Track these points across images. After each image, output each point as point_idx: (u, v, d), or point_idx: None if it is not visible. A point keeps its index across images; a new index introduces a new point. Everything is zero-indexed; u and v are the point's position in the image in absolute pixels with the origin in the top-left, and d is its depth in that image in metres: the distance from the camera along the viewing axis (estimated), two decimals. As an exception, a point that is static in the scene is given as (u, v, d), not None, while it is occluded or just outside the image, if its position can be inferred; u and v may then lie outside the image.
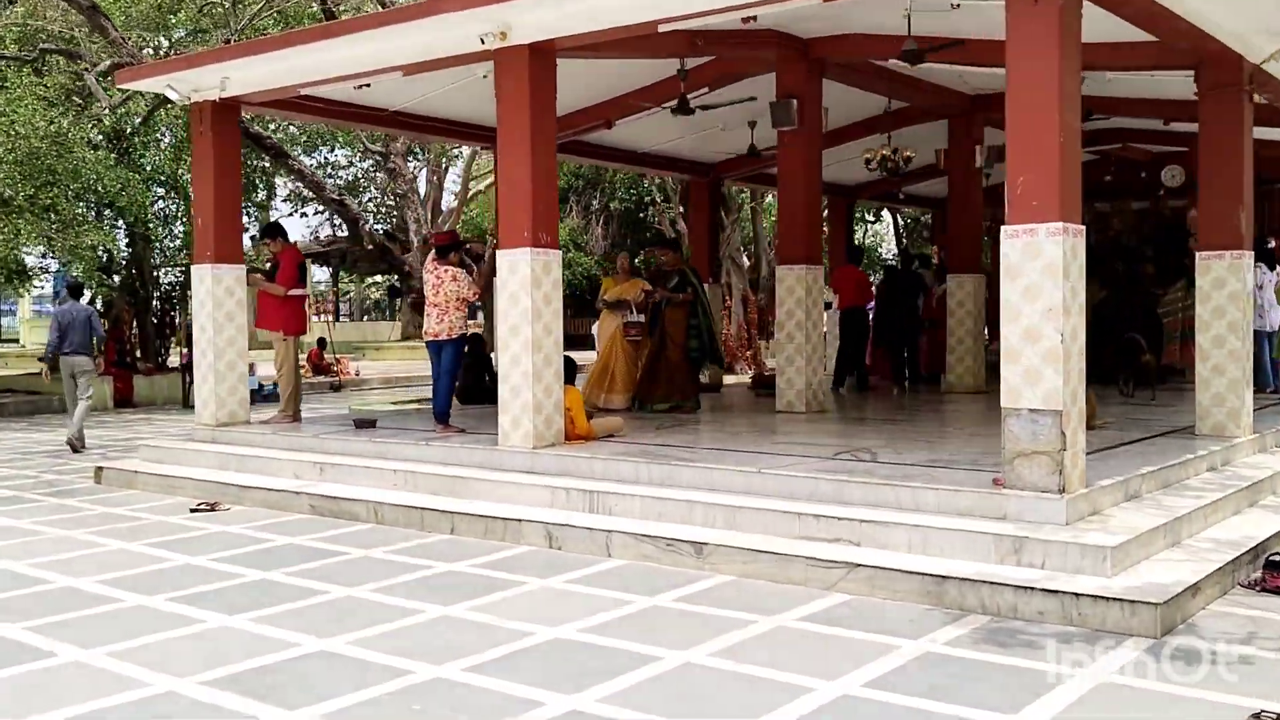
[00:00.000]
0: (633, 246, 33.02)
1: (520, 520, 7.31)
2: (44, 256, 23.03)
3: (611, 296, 11.42)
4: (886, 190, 19.23)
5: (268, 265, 10.83)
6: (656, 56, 10.22)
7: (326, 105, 11.17)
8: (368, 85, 9.63)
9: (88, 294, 35.06)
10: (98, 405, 19.92)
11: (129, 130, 18.24)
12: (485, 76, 10.58)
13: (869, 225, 36.89)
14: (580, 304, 33.48)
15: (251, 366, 21.81)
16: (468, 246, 9.78)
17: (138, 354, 22.07)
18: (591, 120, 12.62)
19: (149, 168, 19.08)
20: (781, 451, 7.97)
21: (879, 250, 36.59)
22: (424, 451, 8.83)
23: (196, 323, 10.44)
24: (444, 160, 37.14)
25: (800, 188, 10.84)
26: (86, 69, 14.02)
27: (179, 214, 20.87)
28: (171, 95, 10.02)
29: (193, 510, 8.75)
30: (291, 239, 11.21)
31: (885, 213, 33.75)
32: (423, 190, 39.08)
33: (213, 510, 8.76)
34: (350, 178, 38.19)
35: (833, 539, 6.28)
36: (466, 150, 33.40)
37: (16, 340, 53.26)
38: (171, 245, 21.07)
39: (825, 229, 19.24)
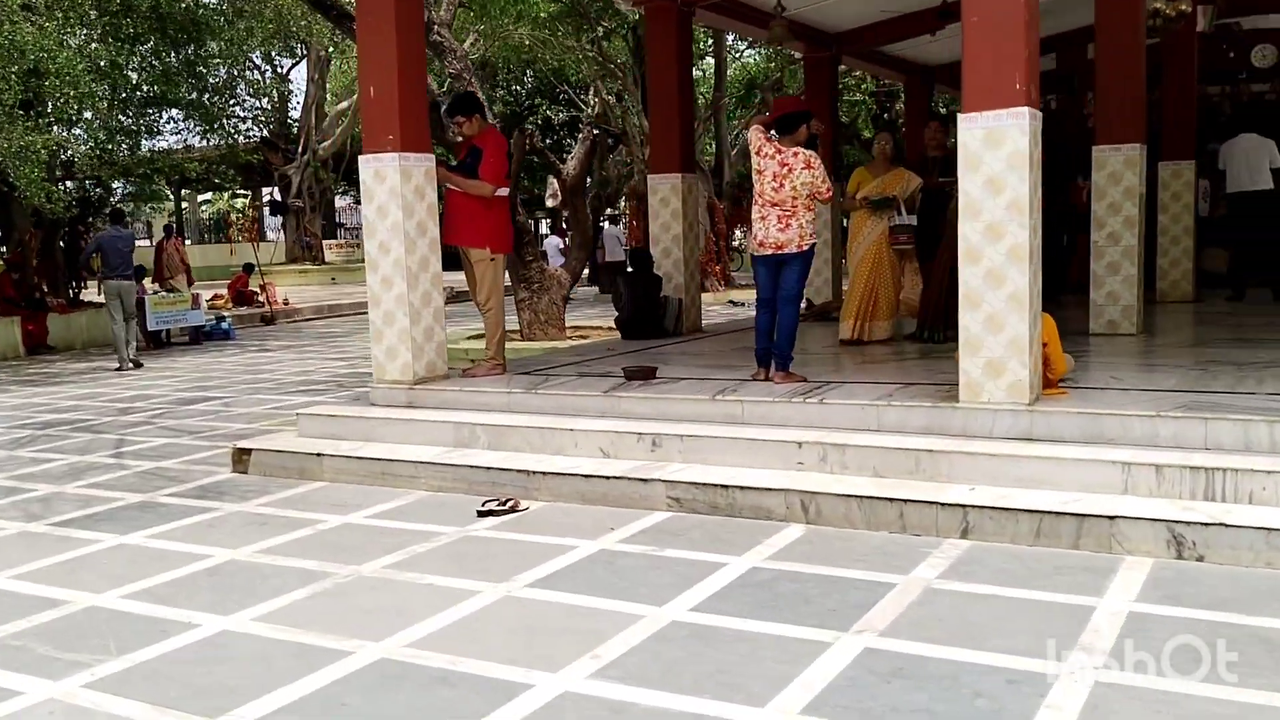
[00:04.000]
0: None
1: (1110, 517, 4.84)
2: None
3: (872, 193, 8.78)
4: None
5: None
6: None
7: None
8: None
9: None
10: (8, 354, 16.18)
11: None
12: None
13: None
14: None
15: (196, 298, 18.35)
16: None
17: (44, 288, 18.02)
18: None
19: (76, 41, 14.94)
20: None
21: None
22: (811, 413, 6.18)
23: (372, 239, 7.36)
24: (328, 53, 32.76)
25: (1124, 49, 8.50)
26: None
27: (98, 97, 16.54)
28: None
29: (482, 513, 5.91)
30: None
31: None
32: (302, 93, 34.80)
33: (513, 511, 5.94)
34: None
35: None
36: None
37: None
38: (87, 144, 16.82)
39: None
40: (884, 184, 8.78)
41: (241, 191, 41.52)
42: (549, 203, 15.39)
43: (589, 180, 15.50)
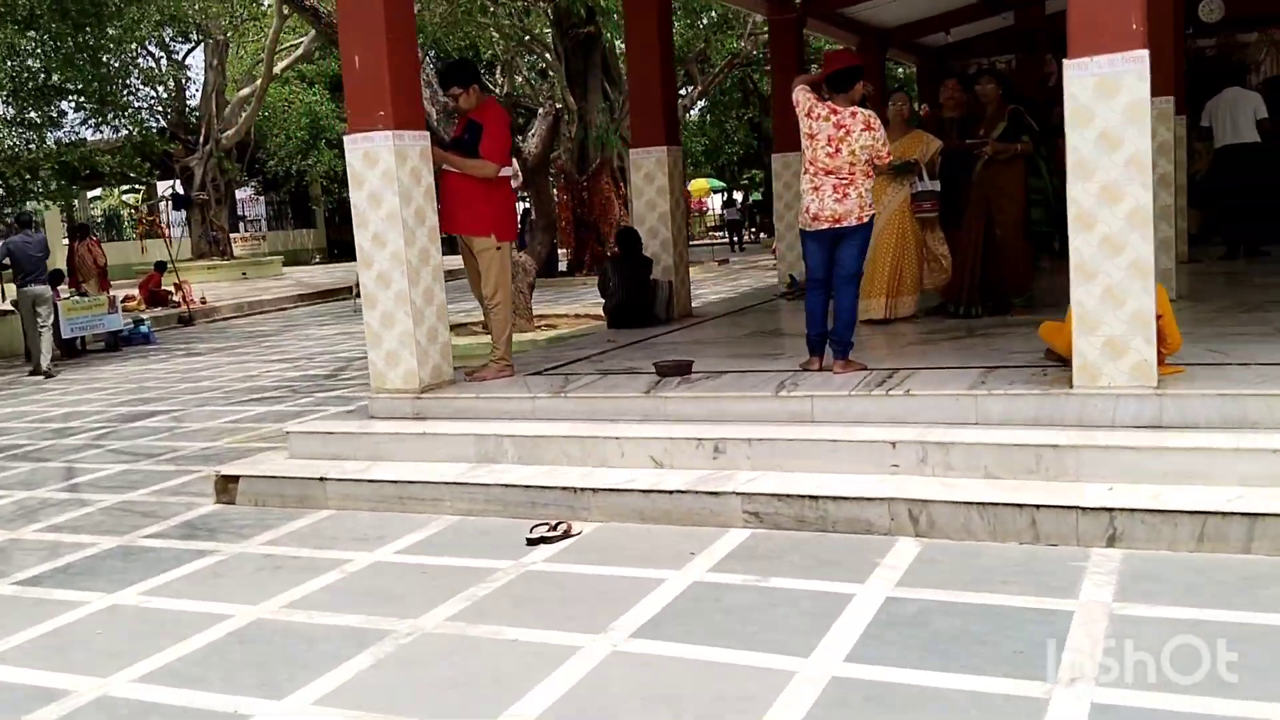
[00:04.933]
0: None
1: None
2: None
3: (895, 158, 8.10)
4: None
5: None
6: None
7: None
8: None
9: None
10: (-95, 368, 14.77)
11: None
12: None
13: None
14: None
15: (113, 301, 16.99)
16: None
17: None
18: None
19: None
20: None
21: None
22: (895, 407, 5.48)
23: (364, 230, 6.45)
24: (227, 37, 31.13)
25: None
26: None
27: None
28: None
29: (532, 540, 5.11)
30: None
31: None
32: (202, 80, 32.95)
33: (566, 537, 5.15)
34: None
35: None
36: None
37: None
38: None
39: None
40: (902, 148, 8.12)
41: (137, 185, 39.38)
42: (512, 184, 14.40)
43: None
